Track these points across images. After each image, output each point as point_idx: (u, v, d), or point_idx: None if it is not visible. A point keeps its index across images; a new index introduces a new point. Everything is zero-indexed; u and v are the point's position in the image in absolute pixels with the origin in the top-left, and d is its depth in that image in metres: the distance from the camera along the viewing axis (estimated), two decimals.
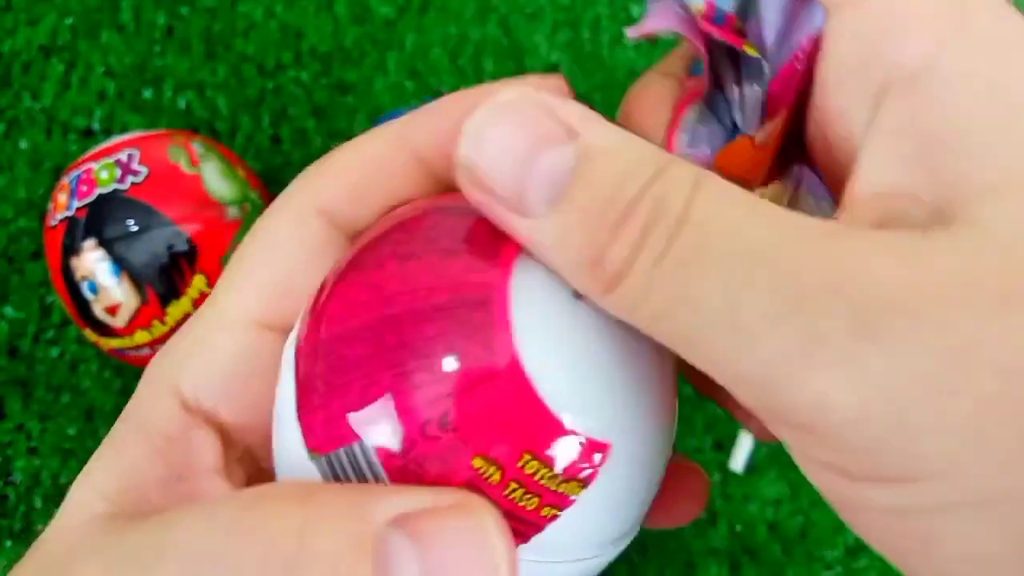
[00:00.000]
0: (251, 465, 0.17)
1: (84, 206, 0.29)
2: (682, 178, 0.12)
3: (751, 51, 0.14)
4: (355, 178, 0.16)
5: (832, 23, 0.13)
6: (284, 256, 0.16)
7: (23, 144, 0.37)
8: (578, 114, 0.13)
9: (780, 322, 0.11)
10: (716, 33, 0.14)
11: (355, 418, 0.13)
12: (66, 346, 0.35)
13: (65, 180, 0.30)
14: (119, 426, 0.16)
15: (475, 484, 0.13)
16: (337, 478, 0.13)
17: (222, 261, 0.29)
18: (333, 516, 0.12)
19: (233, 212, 0.30)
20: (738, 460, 0.34)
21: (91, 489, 0.15)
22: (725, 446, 0.34)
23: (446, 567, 0.12)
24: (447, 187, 0.16)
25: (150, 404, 0.16)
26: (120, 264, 0.28)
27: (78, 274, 0.29)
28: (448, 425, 0.12)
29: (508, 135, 0.13)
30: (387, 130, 0.16)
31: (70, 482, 0.35)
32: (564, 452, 0.13)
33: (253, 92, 0.38)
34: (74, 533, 0.15)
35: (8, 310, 0.35)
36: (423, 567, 0.12)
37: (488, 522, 0.12)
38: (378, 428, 0.13)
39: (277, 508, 0.13)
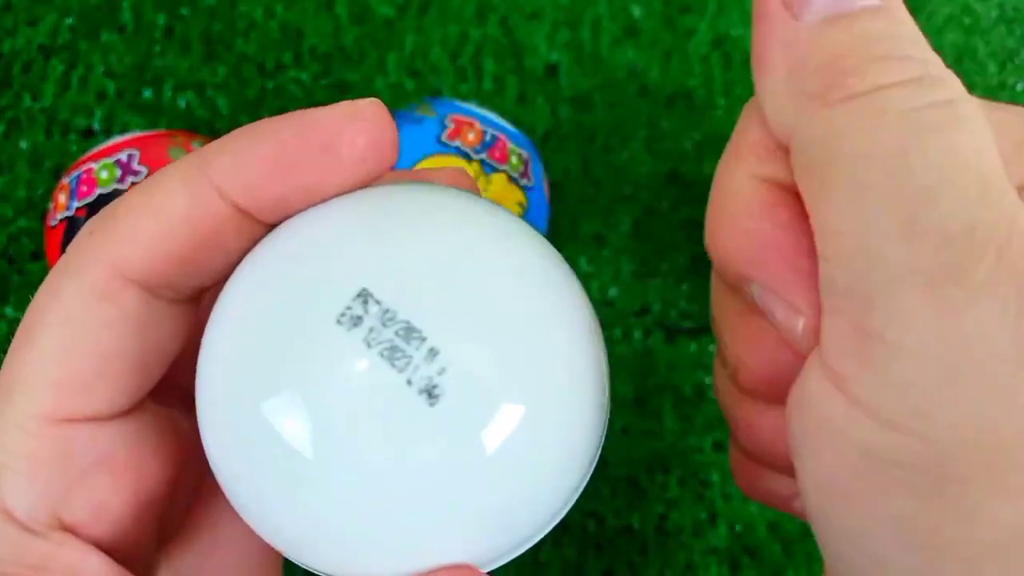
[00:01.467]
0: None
1: (84, 206, 0.29)
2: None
3: None
4: (162, 236, 0.14)
5: None
6: (90, 341, 0.14)
7: (23, 144, 0.37)
8: None
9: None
10: None
11: None
12: None
13: (65, 180, 0.30)
14: None
15: None
16: None
17: None
18: None
19: None
20: None
21: None
22: (725, 446, 0.34)
23: None
24: (268, 227, 0.14)
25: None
26: None
27: None
28: None
29: None
30: (183, 170, 0.14)
31: None
32: None
33: (253, 92, 0.38)
34: None
35: (8, 310, 0.35)
36: None
37: None
38: None
39: None
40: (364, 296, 0.12)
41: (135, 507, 0.15)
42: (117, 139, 0.30)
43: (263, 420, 0.12)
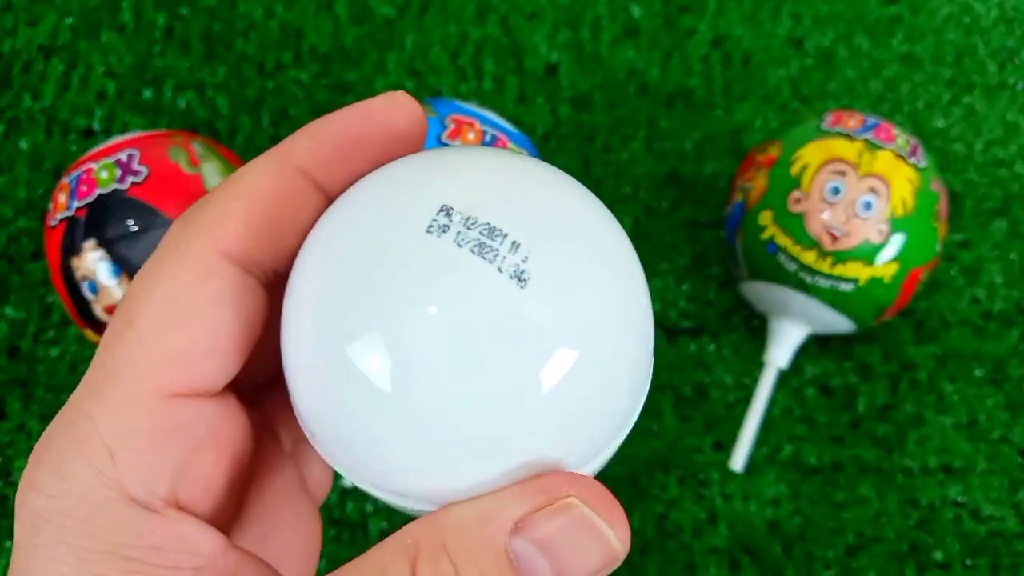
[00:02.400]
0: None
1: (84, 206, 0.29)
2: None
3: None
4: (255, 216, 0.15)
5: None
6: (199, 315, 0.14)
7: (23, 144, 0.37)
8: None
9: None
10: None
11: None
12: (66, 346, 0.35)
13: (65, 180, 0.30)
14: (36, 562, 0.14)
15: None
16: None
17: None
18: (464, 541, 0.13)
19: None
20: (738, 460, 0.34)
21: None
22: (725, 446, 0.34)
23: (574, 563, 0.13)
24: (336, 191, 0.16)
25: (100, 507, 0.14)
26: (120, 264, 0.28)
27: (78, 274, 0.29)
28: None
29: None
30: (267, 157, 0.15)
31: None
32: None
33: (253, 92, 0.38)
34: None
35: (8, 310, 0.35)
36: (555, 568, 0.13)
37: (589, 512, 0.13)
38: None
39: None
40: (446, 209, 0.14)
41: (232, 483, 0.15)
42: (117, 139, 0.31)
43: (369, 337, 0.13)
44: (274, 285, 0.15)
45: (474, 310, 0.13)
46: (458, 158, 0.15)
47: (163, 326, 0.14)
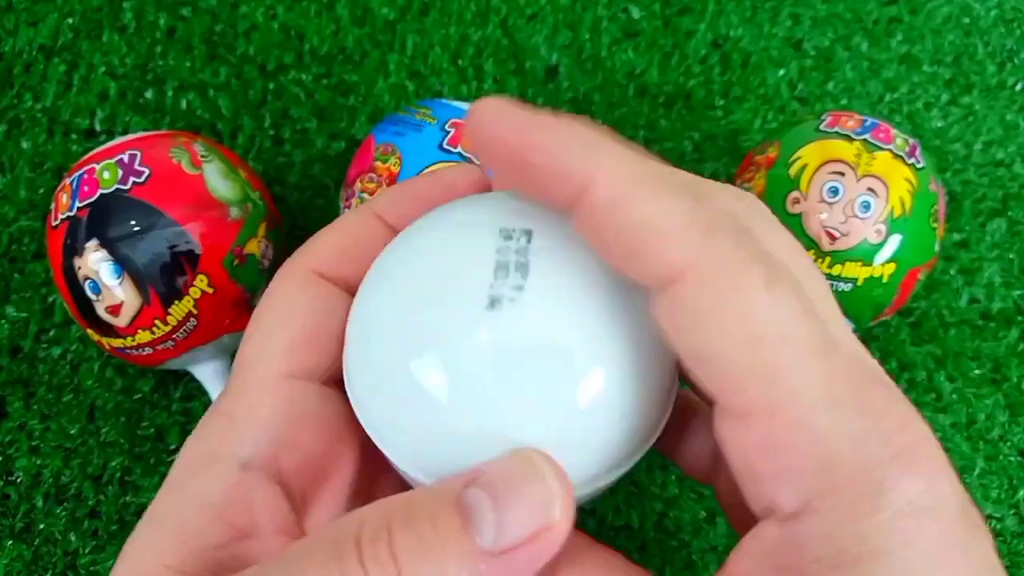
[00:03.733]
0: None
1: (86, 206, 0.29)
2: None
3: None
4: (340, 243, 0.20)
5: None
6: (299, 315, 0.19)
7: (25, 144, 0.37)
8: None
9: None
10: None
11: None
12: (68, 346, 0.35)
13: (67, 180, 0.30)
14: (167, 501, 0.17)
15: None
16: None
17: (224, 262, 0.29)
18: (421, 496, 0.15)
19: (235, 212, 0.30)
20: None
21: (151, 559, 0.16)
22: None
23: (511, 509, 0.14)
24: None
25: (203, 476, 0.17)
26: (122, 264, 0.28)
27: (80, 274, 0.29)
28: None
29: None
30: (356, 208, 0.20)
31: (71, 481, 0.36)
32: None
33: (255, 93, 0.38)
34: None
35: (10, 310, 0.35)
36: (497, 512, 0.14)
37: (544, 467, 0.15)
38: None
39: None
40: (498, 245, 0.16)
41: (324, 462, 0.19)
42: (119, 140, 0.31)
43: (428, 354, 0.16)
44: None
45: (516, 334, 0.15)
46: (506, 200, 0.18)
47: (278, 324, 0.19)
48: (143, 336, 0.29)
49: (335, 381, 0.19)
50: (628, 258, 0.15)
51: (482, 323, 0.15)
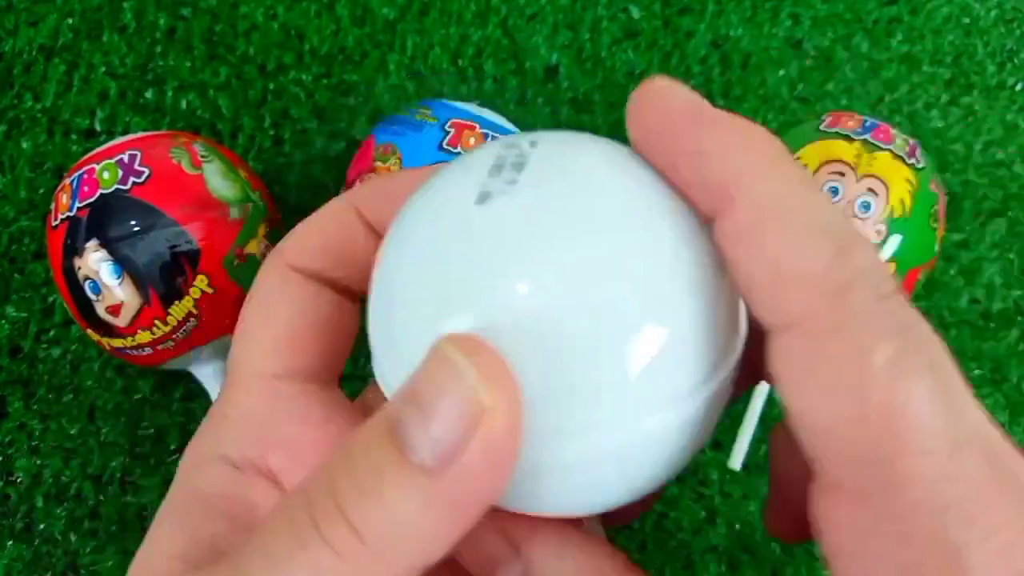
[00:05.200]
0: None
1: (86, 206, 0.29)
2: None
3: None
4: (316, 238, 0.19)
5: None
6: (278, 313, 0.18)
7: (25, 144, 0.37)
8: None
9: None
10: None
11: None
12: (68, 346, 0.35)
13: (67, 181, 0.30)
14: (172, 499, 0.17)
15: None
16: None
17: (224, 262, 0.29)
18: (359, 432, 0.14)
19: (235, 212, 0.30)
20: (737, 459, 0.34)
21: (159, 554, 0.16)
22: (724, 445, 0.35)
23: (438, 415, 0.13)
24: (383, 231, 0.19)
25: (199, 474, 0.17)
26: (122, 264, 0.28)
27: (80, 274, 0.29)
28: None
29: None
30: (336, 200, 0.20)
31: (71, 481, 0.35)
32: None
33: (255, 93, 0.38)
34: None
35: (10, 310, 0.35)
36: (426, 424, 0.13)
37: (458, 356, 0.13)
38: None
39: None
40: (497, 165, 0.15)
41: (317, 459, 0.17)
42: (119, 139, 0.31)
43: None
44: (341, 289, 0.19)
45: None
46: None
47: (257, 323, 0.19)
48: (143, 336, 0.29)
49: (323, 378, 0.19)
50: (754, 289, 0.14)
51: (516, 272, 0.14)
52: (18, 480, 0.33)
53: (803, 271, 0.13)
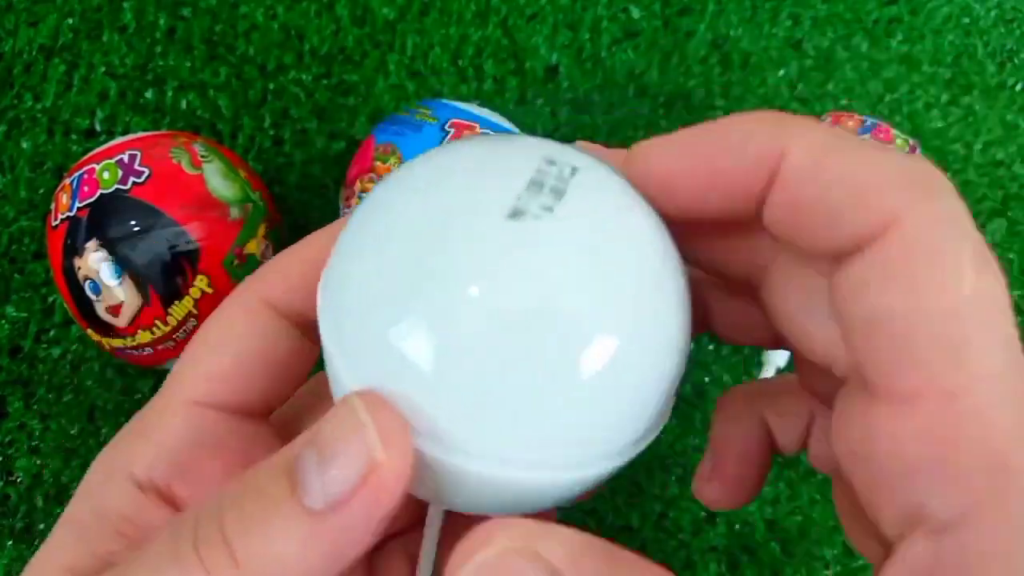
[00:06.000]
0: None
1: (86, 206, 0.29)
2: None
3: None
4: (295, 274, 0.18)
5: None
6: (232, 345, 0.18)
7: (25, 144, 0.37)
8: (562, 550, 0.13)
9: None
10: None
11: None
12: (68, 346, 0.35)
13: (67, 181, 0.30)
14: (76, 505, 0.17)
15: None
16: None
17: (224, 262, 0.29)
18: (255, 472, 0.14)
19: (235, 212, 0.30)
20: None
21: (52, 564, 0.16)
22: None
23: (335, 462, 0.13)
24: None
25: (106, 488, 0.17)
26: (122, 264, 0.28)
27: (80, 274, 0.29)
28: None
29: None
30: (319, 234, 0.19)
31: (72, 481, 0.36)
32: None
33: (255, 93, 0.38)
34: None
35: (10, 310, 0.35)
36: (321, 469, 0.13)
37: (362, 412, 0.13)
38: None
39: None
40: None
41: None
42: (119, 139, 0.31)
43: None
44: (307, 329, 0.18)
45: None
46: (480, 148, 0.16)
47: (210, 347, 0.18)
48: (143, 336, 0.29)
49: (256, 412, 0.18)
50: (827, 224, 0.13)
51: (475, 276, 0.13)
52: (18, 480, 0.33)
53: (884, 176, 0.13)
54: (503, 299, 0.13)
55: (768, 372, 0.34)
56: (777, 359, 0.34)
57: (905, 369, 0.13)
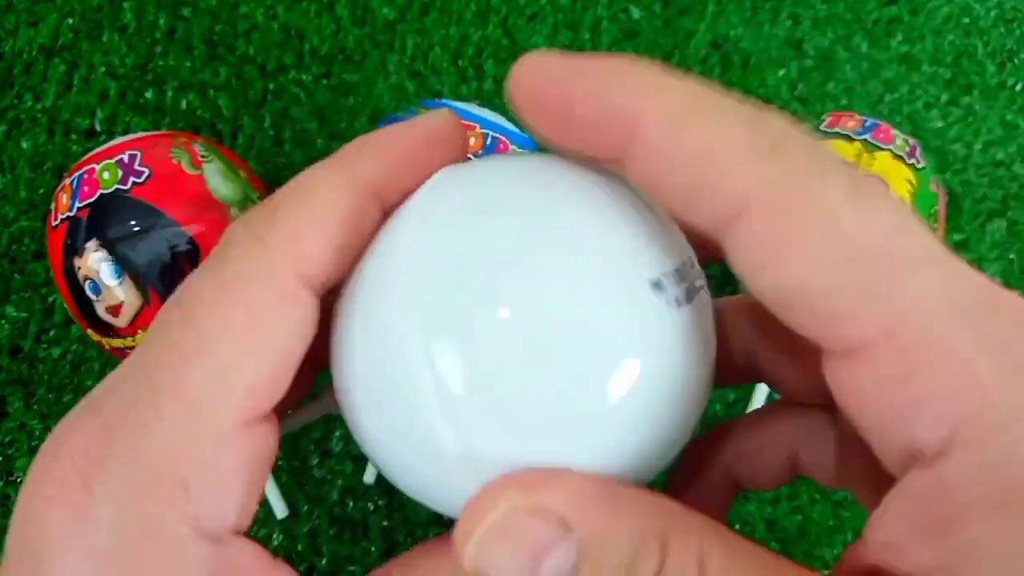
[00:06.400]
0: None
1: (86, 206, 0.29)
2: (686, 559, 0.12)
3: None
4: (336, 239, 0.15)
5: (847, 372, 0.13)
6: (272, 342, 0.14)
7: (25, 144, 0.37)
8: (565, 500, 0.13)
9: None
10: None
11: None
12: (68, 346, 0.35)
13: (67, 181, 0.30)
14: None
15: None
16: None
17: None
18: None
19: (235, 213, 0.30)
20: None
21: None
22: None
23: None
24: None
25: (171, 562, 0.14)
26: (122, 264, 0.28)
27: (80, 274, 0.29)
28: None
29: (507, 557, 0.13)
30: (338, 174, 0.15)
31: None
32: None
33: (255, 93, 0.38)
34: None
35: (10, 310, 0.35)
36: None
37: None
38: None
39: None
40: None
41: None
42: (119, 139, 0.31)
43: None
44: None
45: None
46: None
47: (244, 352, 0.14)
48: (143, 336, 0.29)
49: (277, 411, 0.15)
50: (689, 200, 0.13)
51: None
52: (18, 480, 0.33)
53: (733, 148, 0.13)
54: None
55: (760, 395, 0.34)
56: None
57: (837, 328, 0.12)
